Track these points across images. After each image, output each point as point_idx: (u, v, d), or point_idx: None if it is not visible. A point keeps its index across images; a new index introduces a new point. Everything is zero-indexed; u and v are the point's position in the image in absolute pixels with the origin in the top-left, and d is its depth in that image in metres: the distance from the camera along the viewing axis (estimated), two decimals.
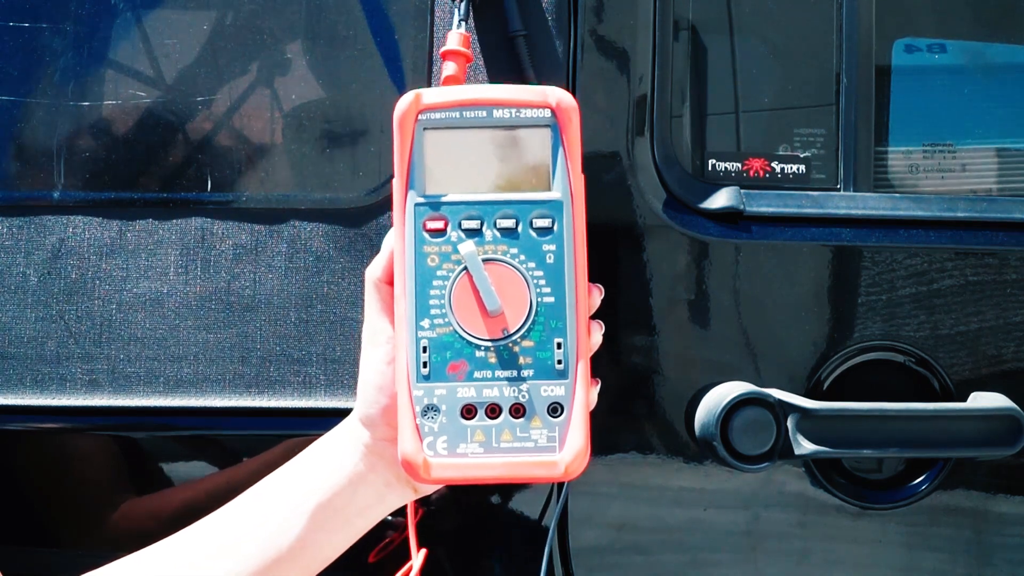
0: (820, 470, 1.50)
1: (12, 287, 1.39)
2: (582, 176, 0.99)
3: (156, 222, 1.40)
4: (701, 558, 1.50)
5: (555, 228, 0.98)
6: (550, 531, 1.35)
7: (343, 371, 1.39)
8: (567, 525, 1.46)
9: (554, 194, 0.98)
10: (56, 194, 1.40)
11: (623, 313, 1.45)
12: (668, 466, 1.48)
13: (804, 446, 1.43)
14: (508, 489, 1.45)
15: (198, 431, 1.43)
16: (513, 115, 0.99)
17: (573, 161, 0.99)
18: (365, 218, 1.40)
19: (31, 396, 1.38)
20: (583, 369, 0.98)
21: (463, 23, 1.22)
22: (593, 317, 1.01)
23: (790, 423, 1.43)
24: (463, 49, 1.18)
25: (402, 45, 1.41)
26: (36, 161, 1.41)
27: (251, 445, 1.42)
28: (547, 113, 0.99)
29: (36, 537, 1.45)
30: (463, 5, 1.24)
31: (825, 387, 1.49)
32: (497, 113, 0.99)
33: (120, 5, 1.41)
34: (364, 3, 1.41)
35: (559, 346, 0.98)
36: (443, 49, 1.19)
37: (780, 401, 1.43)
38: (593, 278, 1.02)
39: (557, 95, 0.99)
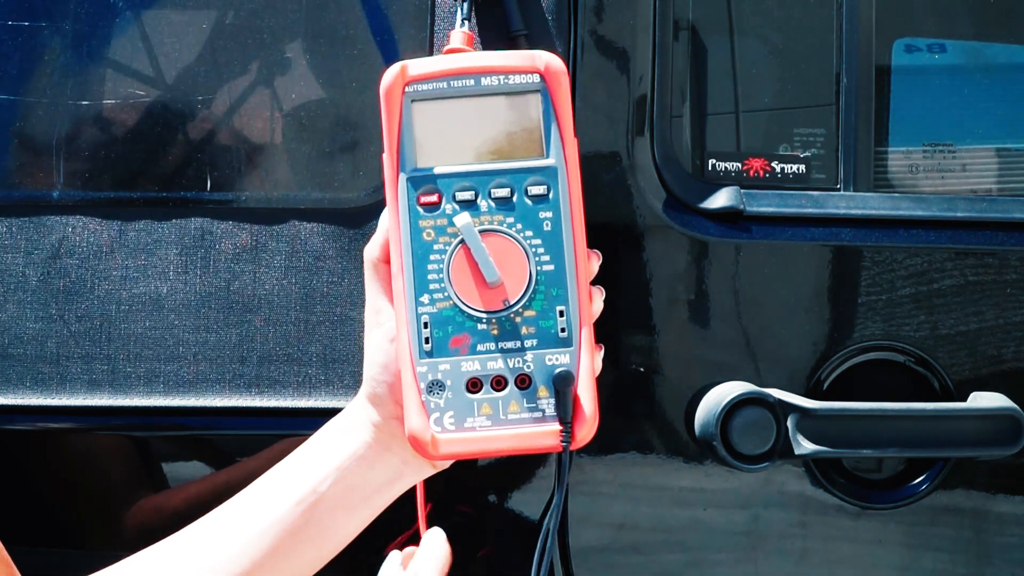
0: (820, 470, 1.50)
1: (12, 287, 1.38)
2: (575, 140, 0.97)
3: (156, 222, 1.40)
4: (701, 558, 1.50)
5: (550, 195, 0.96)
6: (550, 531, 1.35)
7: (343, 371, 1.39)
8: (567, 525, 1.46)
9: (548, 160, 0.96)
10: (56, 194, 1.39)
11: (623, 313, 1.45)
12: (668, 466, 1.48)
13: (804, 446, 1.43)
14: (507, 488, 1.44)
15: (198, 431, 1.43)
16: (502, 82, 0.97)
17: (565, 125, 0.97)
18: (365, 218, 1.40)
19: (31, 396, 1.38)
20: (587, 335, 0.96)
21: (466, 22, 1.22)
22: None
23: (790, 423, 1.43)
24: (467, 48, 1.18)
25: (402, 45, 1.41)
26: (36, 160, 1.40)
27: (251, 445, 1.42)
28: (536, 78, 0.97)
29: (35, 537, 1.45)
30: (465, 4, 1.24)
31: (825, 387, 1.49)
32: (485, 81, 0.97)
33: (120, 4, 1.41)
34: (364, 3, 1.41)
35: (561, 314, 0.96)
36: (447, 48, 1.19)
37: (780, 401, 1.43)
38: (592, 280, 1.01)
39: (545, 59, 0.97)
